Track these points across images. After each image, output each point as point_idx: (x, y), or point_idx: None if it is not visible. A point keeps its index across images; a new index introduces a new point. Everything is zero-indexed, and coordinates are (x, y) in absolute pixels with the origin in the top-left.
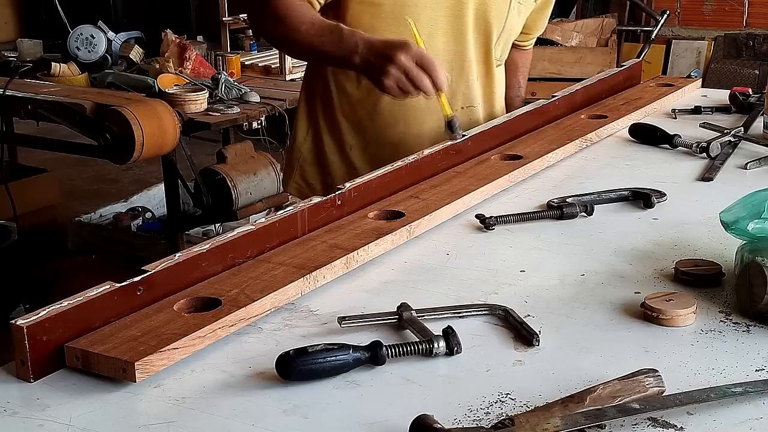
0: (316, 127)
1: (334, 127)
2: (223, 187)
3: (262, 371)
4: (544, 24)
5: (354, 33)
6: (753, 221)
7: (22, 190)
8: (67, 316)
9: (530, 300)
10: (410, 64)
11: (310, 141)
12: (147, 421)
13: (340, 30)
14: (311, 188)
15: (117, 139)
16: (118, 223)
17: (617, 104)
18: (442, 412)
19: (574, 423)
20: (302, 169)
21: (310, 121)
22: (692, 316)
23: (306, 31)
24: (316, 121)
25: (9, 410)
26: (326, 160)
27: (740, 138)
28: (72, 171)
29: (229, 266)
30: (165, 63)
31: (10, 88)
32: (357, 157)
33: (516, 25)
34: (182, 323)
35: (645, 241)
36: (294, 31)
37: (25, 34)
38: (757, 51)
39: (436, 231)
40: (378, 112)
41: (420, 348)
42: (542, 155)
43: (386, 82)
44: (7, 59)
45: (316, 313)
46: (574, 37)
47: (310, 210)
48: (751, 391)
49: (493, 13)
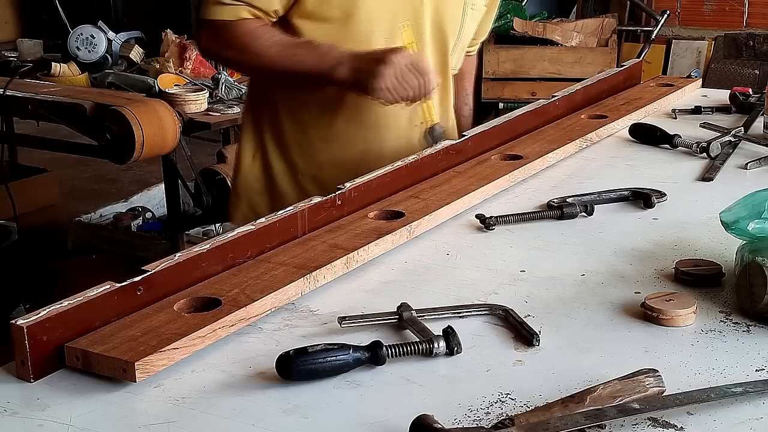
0: (264, 153)
1: (284, 151)
2: (223, 187)
3: (262, 371)
4: (488, 29)
5: (333, 46)
6: (753, 221)
7: (22, 190)
8: (67, 316)
9: (530, 300)
10: (405, 69)
11: (258, 168)
12: (147, 421)
13: (315, 45)
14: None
15: (117, 139)
16: (118, 223)
17: (617, 104)
18: (442, 412)
19: (574, 423)
20: (249, 199)
21: (257, 147)
22: (692, 316)
23: (276, 53)
24: (263, 146)
25: (9, 410)
26: (276, 189)
27: (740, 138)
28: (72, 171)
29: (229, 266)
30: (165, 63)
31: (10, 88)
32: (310, 183)
33: (469, 32)
34: (182, 323)
35: (645, 241)
36: (261, 56)
37: (26, 34)
38: (757, 51)
39: (436, 231)
40: (333, 134)
41: (420, 348)
42: (542, 155)
43: (380, 84)
44: (8, 59)
45: (316, 313)
46: (574, 37)
47: (310, 210)
48: (751, 391)
49: (448, 21)
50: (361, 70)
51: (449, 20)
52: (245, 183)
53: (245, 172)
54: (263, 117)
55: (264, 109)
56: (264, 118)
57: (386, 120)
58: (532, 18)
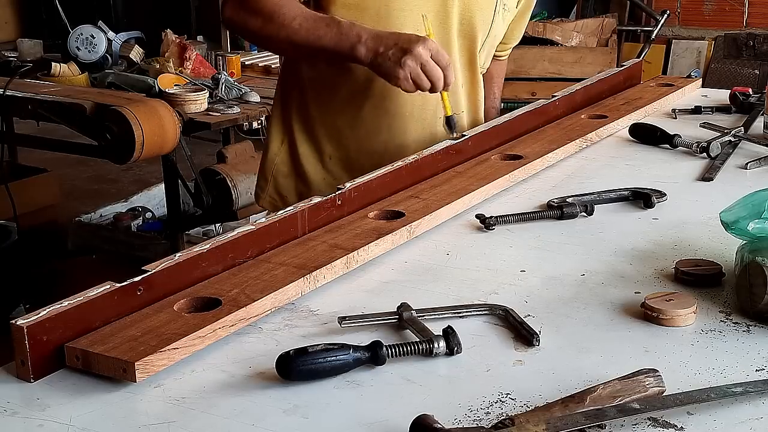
0: (292, 137)
1: (312, 137)
2: (223, 187)
3: (262, 371)
4: (520, 34)
5: (354, 24)
6: (753, 221)
7: (22, 190)
8: (67, 316)
9: (530, 300)
10: (427, 58)
11: (285, 152)
12: (147, 421)
13: (337, 22)
14: (285, 201)
15: (117, 139)
16: (118, 223)
17: (617, 104)
18: (442, 412)
19: (574, 423)
20: (276, 182)
21: (285, 131)
22: (692, 316)
23: (299, 26)
24: (291, 131)
25: (9, 410)
26: (303, 172)
27: (740, 138)
28: (72, 171)
29: (230, 266)
30: (165, 63)
31: (10, 88)
32: (336, 167)
33: (500, 32)
34: (182, 323)
35: (645, 241)
36: (284, 27)
37: (26, 34)
38: (757, 51)
39: (436, 231)
40: (359, 120)
41: (420, 348)
42: (542, 155)
43: (401, 73)
44: (8, 59)
45: (316, 313)
46: (574, 37)
47: (310, 210)
48: (751, 391)
49: (478, 19)
50: (383, 55)
51: (479, 17)
52: (272, 166)
53: (273, 155)
54: (292, 102)
55: (293, 94)
56: (293, 103)
57: (412, 110)
58: (532, 18)
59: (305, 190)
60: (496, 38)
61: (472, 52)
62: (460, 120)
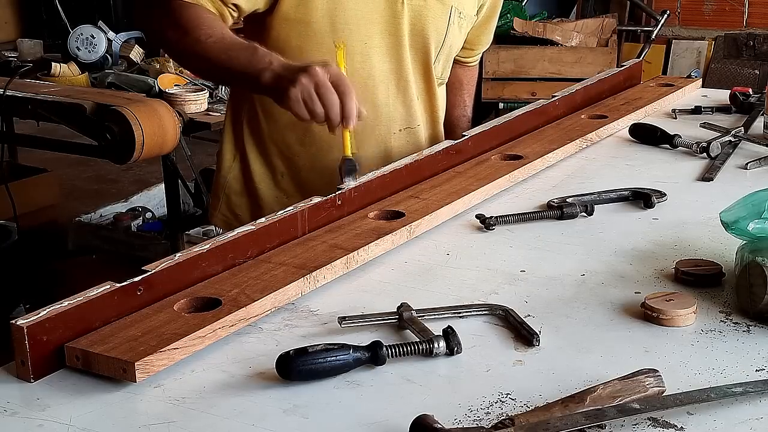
0: (243, 154)
1: (264, 153)
2: None
3: (262, 371)
4: (488, 39)
5: (271, 54)
6: (753, 221)
7: (22, 190)
8: (67, 316)
9: (530, 300)
10: (324, 80)
11: (237, 169)
12: (147, 421)
13: (255, 48)
14: (239, 219)
15: (117, 139)
16: (118, 223)
17: (617, 104)
18: (442, 412)
19: (574, 423)
20: (228, 199)
21: (237, 147)
22: (692, 316)
23: (213, 45)
24: (243, 147)
25: (9, 410)
26: (255, 189)
27: (740, 138)
28: (72, 171)
29: (229, 266)
30: (165, 63)
31: (10, 88)
32: (288, 185)
33: (456, 42)
34: (182, 323)
35: (645, 241)
36: (199, 43)
37: (26, 34)
38: (757, 51)
39: (436, 231)
40: (310, 137)
41: (420, 348)
42: (542, 155)
43: (293, 92)
44: (8, 59)
45: (316, 313)
46: (574, 37)
47: (310, 210)
48: (751, 391)
49: (431, 29)
50: (279, 77)
51: (432, 28)
52: (225, 183)
53: (225, 172)
54: (243, 116)
55: (243, 109)
56: (244, 116)
57: (363, 126)
58: (532, 18)
59: (258, 209)
60: (452, 48)
61: (426, 63)
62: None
